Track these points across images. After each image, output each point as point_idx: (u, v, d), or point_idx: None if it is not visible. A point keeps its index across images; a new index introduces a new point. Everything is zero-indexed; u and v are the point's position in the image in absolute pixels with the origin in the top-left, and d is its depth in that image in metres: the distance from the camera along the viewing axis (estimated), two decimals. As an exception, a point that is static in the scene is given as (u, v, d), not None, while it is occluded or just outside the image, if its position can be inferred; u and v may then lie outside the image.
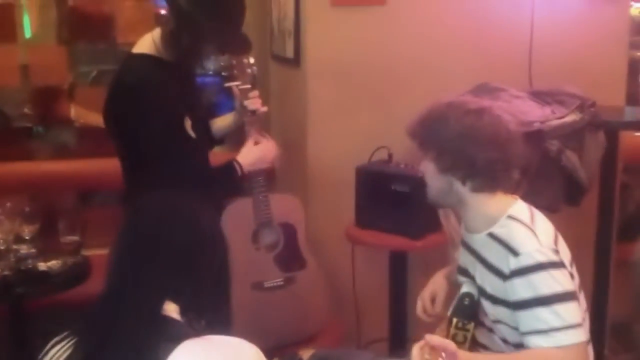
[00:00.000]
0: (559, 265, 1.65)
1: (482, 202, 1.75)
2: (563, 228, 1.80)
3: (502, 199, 1.77)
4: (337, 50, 2.97)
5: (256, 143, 2.37)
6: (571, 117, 2.74)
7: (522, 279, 1.63)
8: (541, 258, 1.63)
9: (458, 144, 1.71)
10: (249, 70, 2.37)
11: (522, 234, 1.69)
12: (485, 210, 1.76)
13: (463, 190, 1.75)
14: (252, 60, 2.38)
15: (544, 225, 1.73)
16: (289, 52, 3.13)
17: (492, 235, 1.74)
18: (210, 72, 3.67)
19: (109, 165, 3.31)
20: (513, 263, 1.65)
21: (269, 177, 2.63)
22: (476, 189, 1.74)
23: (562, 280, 1.63)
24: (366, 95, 3.03)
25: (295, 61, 3.07)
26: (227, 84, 2.41)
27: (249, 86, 2.38)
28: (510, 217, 1.73)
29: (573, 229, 1.78)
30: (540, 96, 2.87)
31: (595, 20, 3.16)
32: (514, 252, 1.65)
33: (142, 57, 2.22)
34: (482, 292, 1.77)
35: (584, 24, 3.14)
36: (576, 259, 1.78)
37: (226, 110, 2.59)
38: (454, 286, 1.95)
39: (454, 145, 1.72)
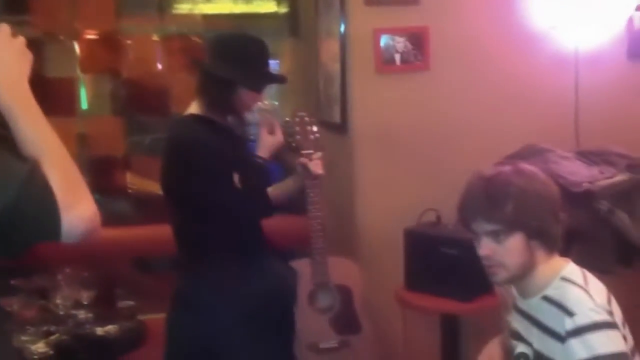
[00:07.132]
0: (614, 325, 1.64)
1: (543, 265, 1.76)
2: (617, 291, 1.78)
3: (555, 261, 1.78)
4: (383, 115, 3.04)
5: (270, 133, 2.43)
6: (620, 177, 2.72)
7: (579, 339, 1.62)
8: (596, 317, 1.62)
9: (540, 212, 1.74)
10: (311, 137, 2.45)
11: (576, 294, 1.69)
12: (541, 273, 1.76)
13: (539, 254, 1.75)
14: (315, 128, 2.45)
15: (597, 286, 1.73)
16: (336, 118, 3.21)
17: (546, 298, 1.74)
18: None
19: (163, 232, 3.40)
20: (569, 323, 1.64)
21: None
22: (548, 252, 1.76)
23: (617, 341, 1.63)
24: (413, 159, 3.07)
25: (342, 127, 3.14)
26: (291, 150, 2.48)
27: (311, 151, 2.45)
28: (564, 278, 1.74)
29: (628, 292, 1.76)
30: (588, 156, 2.87)
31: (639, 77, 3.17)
32: (569, 313, 1.66)
33: (189, 116, 2.33)
34: (539, 356, 1.76)
35: (628, 82, 3.16)
36: (632, 322, 1.76)
37: (275, 176, 2.64)
38: (509, 354, 1.93)
39: (537, 214, 1.74)
